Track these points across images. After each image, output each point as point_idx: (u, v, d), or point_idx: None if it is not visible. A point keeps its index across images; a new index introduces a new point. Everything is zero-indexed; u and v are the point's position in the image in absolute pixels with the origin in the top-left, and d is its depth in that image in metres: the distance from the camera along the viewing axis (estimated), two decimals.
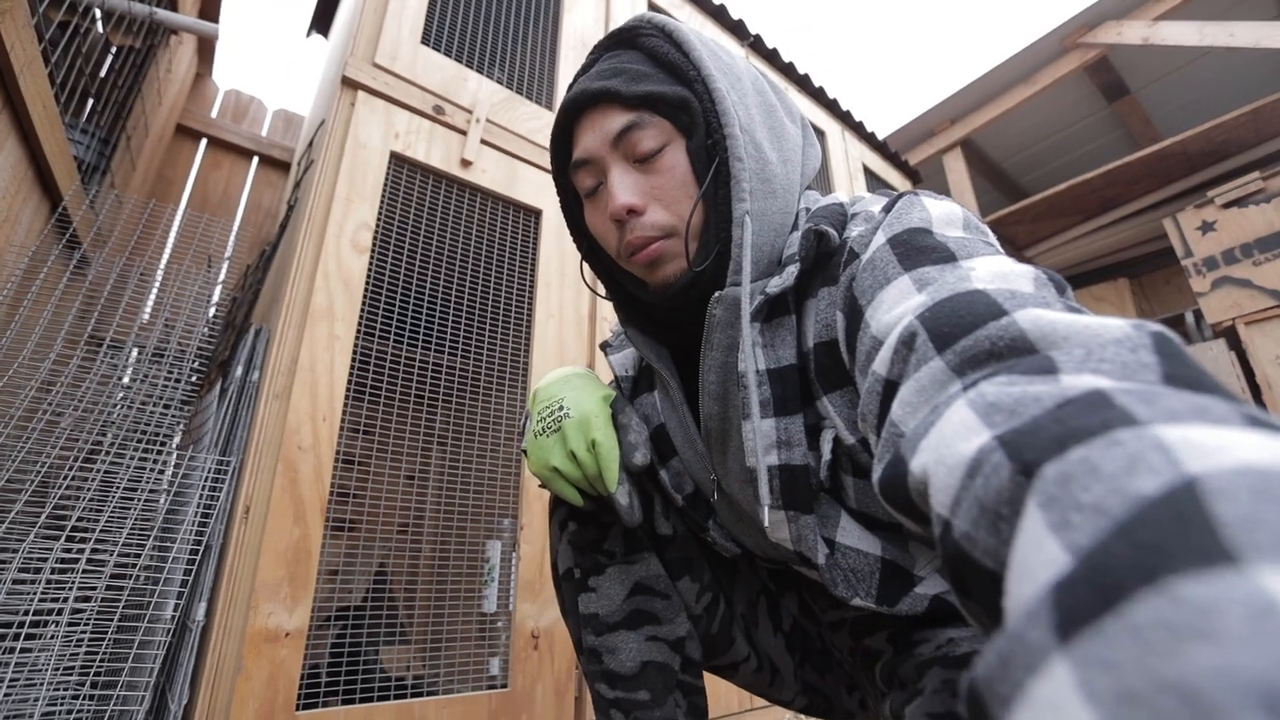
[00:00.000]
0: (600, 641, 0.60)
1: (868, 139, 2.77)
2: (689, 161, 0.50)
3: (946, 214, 0.41)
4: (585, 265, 0.64)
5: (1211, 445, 0.16)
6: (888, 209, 0.44)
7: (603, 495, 0.57)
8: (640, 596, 0.61)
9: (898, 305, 0.36)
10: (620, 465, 0.56)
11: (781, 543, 0.52)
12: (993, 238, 0.42)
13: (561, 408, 0.58)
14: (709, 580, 0.65)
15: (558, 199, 0.64)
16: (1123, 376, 0.22)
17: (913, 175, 3.01)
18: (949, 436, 0.24)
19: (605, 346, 0.71)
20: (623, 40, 0.54)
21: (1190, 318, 2.49)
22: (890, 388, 0.33)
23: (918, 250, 0.38)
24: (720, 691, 1.32)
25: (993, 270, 0.33)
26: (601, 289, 0.95)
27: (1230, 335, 2.18)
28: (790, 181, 0.52)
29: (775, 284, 0.47)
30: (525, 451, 0.60)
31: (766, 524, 0.47)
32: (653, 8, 1.99)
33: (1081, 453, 0.18)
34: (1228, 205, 2.26)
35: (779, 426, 0.49)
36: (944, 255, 0.37)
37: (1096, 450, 0.18)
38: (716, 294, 0.49)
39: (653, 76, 0.51)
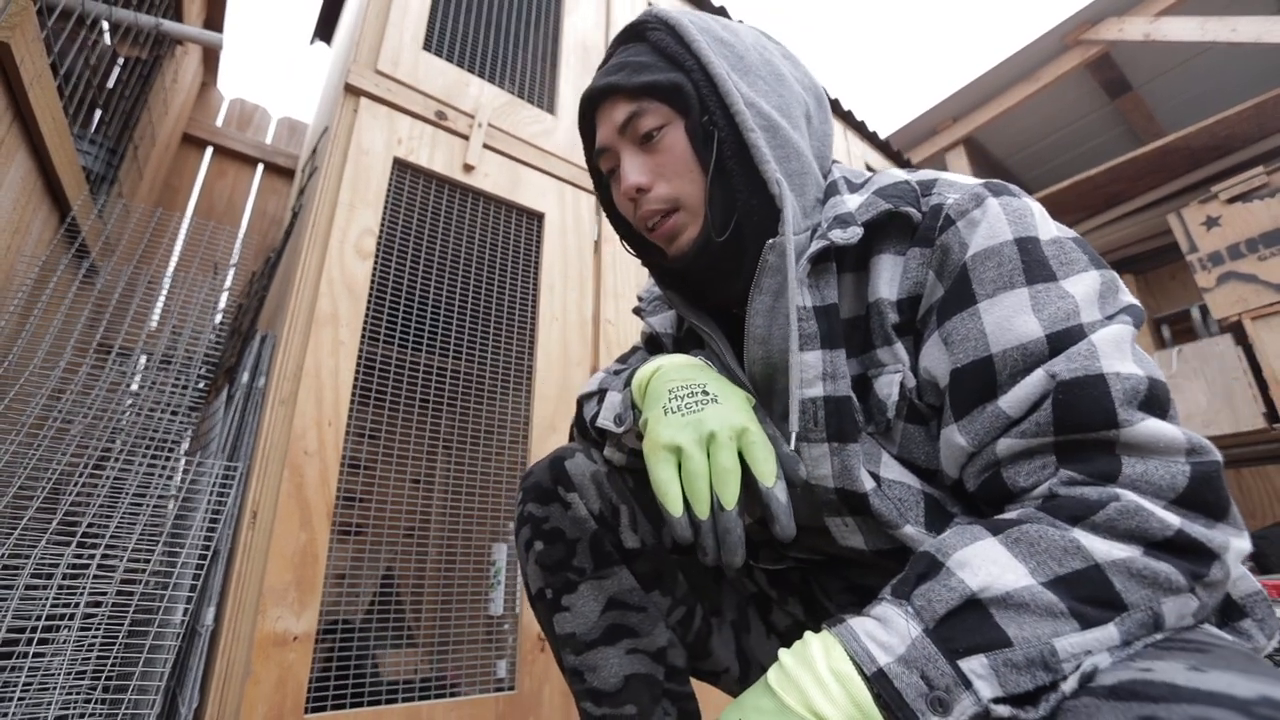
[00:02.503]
0: (580, 660, 0.59)
1: (869, 138, 2.77)
2: (687, 140, 0.56)
3: (1042, 218, 0.48)
4: (623, 240, 0.69)
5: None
6: (992, 190, 0.49)
7: (714, 510, 0.48)
8: (615, 611, 0.60)
9: (1016, 318, 0.43)
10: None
11: (821, 481, 0.53)
12: (1069, 237, 0.47)
13: (706, 391, 0.52)
14: (683, 594, 0.64)
15: (592, 182, 0.69)
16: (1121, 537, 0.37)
17: None
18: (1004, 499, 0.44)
19: (639, 311, 0.74)
20: (633, 34, 0.61)
21: (1196, 313, 2.47)
22: (1009, 426, 0.42)
23: (1036, 263, 0.44)
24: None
25: (1088, 297, 0.43)
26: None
27: (1236, 330, 2.17)
28: (802, 146, 0.56)
29: (840, 236, 0.51)
30: (644, 424, 0.54)
31: (804, 458, 0.52)
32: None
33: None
34: (1232, 200, 2.25)
35: (825, 359, 0.52)
36: (1050, 274, 0.44)
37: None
38: (770, 241, 0.53)
39: (653, 66, 0.57)
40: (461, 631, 1.16)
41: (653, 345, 0.75)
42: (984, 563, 0.37)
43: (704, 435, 0.49)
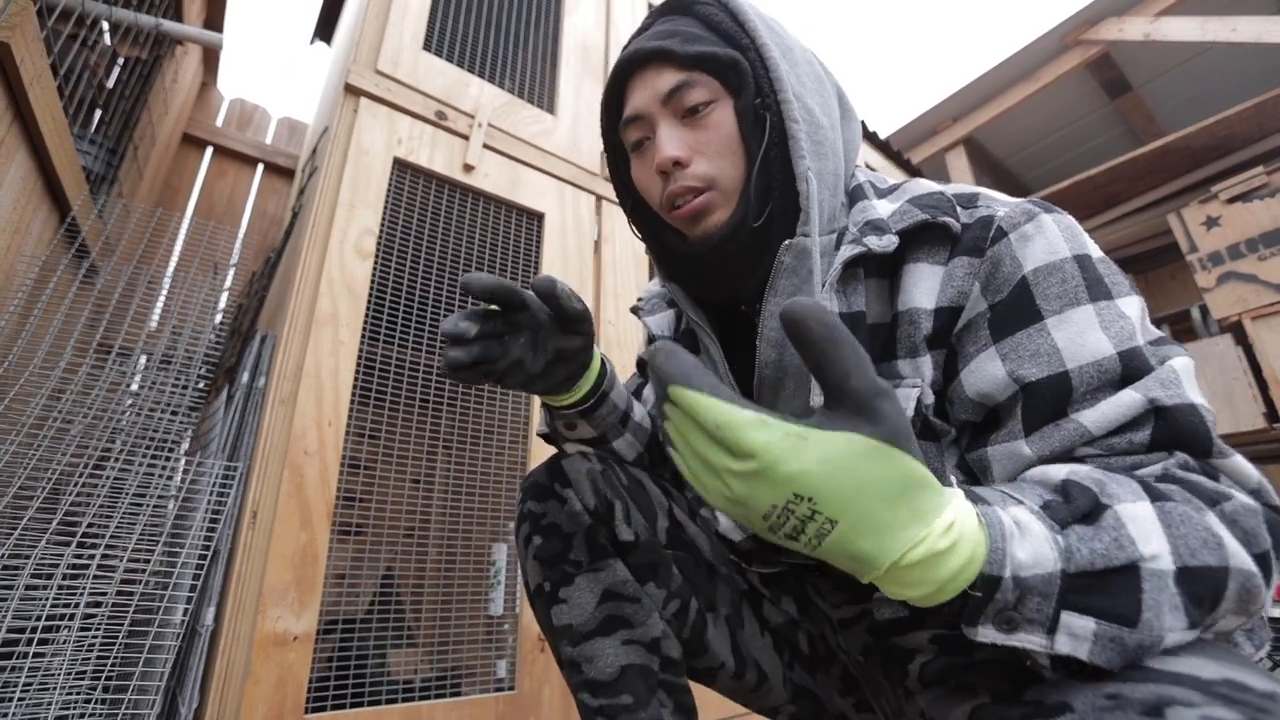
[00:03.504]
0: (577, 651, 0.60)
1: (870, 138, 2.77)
2: (736, 120, 0.54)
3: (1088, 238, 0.48)
4: (631, 222, 0.66)
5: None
6: (1042, 207, 0.48)
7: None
8: (611, 602, 0.61)
9: (1088, 334, 0.43)
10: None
11: None
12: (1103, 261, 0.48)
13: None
14: (677, 587, 0.65)
15: (605, 156, 0.66)
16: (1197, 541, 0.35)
17: (916, 174, 3.00)
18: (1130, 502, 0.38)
19: (637, 310, 0.73)
20: (678, 7, 0.58)
21: (1196, 313, 2.47)
22: (1089, 441, 0.41)
23: (1095, 281, 0.45)
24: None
25: (1139, 320, 0.44)
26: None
27: (1237, 330, 2.17)
28: (838, 146, 0.56)
29: (877, 244, 0.50)
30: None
31: None
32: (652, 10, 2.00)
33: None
34: (1232, 200, 2.25)
35: None
36: (1107, 292, 0.44)
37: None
38: (786, 242, 0.52)
39: (706, 39, 0.55)
40: (461, 631, 1.16)
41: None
42: (1150, 528, 0.34)
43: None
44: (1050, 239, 0.46)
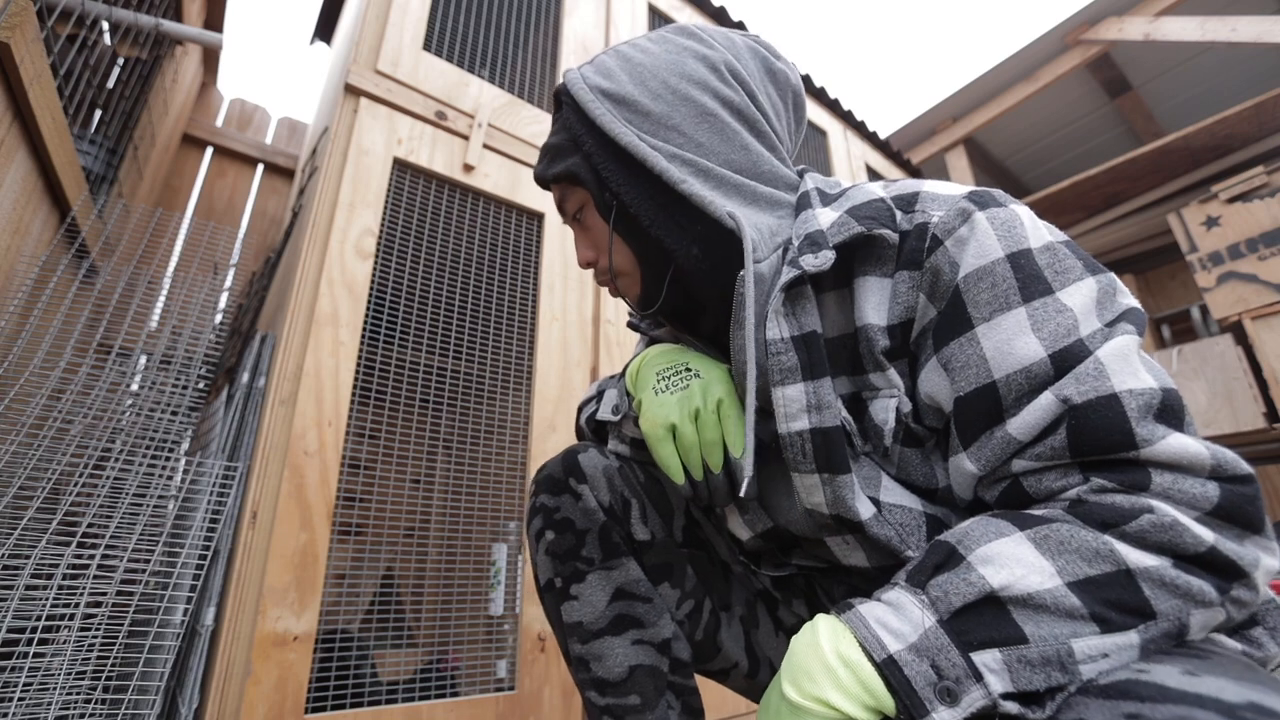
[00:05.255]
0: (586, 649, 0.60)
1: (870, 138, 2.77)
2: (600, 215, 0.58)
3: (1032, 226, 0.46)
4: None
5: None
6: (978, 202, 0.47)
7: (706, 472, 0.56)
8: (622, 601, 0.61)
9: (1016, 340, 0.42)
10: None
11: (816, 508, 0.53)
12: (1060, 241, 0.46)
13: (689, 369, 0.58)
14: (692, 587, 0.65)
15: None
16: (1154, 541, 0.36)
17: (915, 174, 3.00)
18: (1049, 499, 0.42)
19: (635, 327, 0.74)
20: (557, 103, 0.62)
21: (1196, 313, 2.47)
22: (1020, 450, 0.42)
23: (1030, 278, 0.43)
24: (727, 694, 1.31)
25: (1086, 307, 0.42)
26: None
27: (1237, 330, 2.17)
28: (759, 163, 0.56)
29: (812, 263, 0.49)
30: (639, 406, 0.59)
31: (797, 488, 0.52)
32: (653, 10, 2.00)
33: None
34: (1232, 200, 2.25)
35: (807, 390, 0.50)
36: (1046, 287, 0.43)
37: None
38: (740, 274, 0.52)
39: (561, 151, 0.58)
40: (461, 631, 1.16)
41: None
42: (1008, 560, 0.36)
43: (691, 410, 0.55)
44: (981, 241, 0.45)
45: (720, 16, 2.22)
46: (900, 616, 0.37)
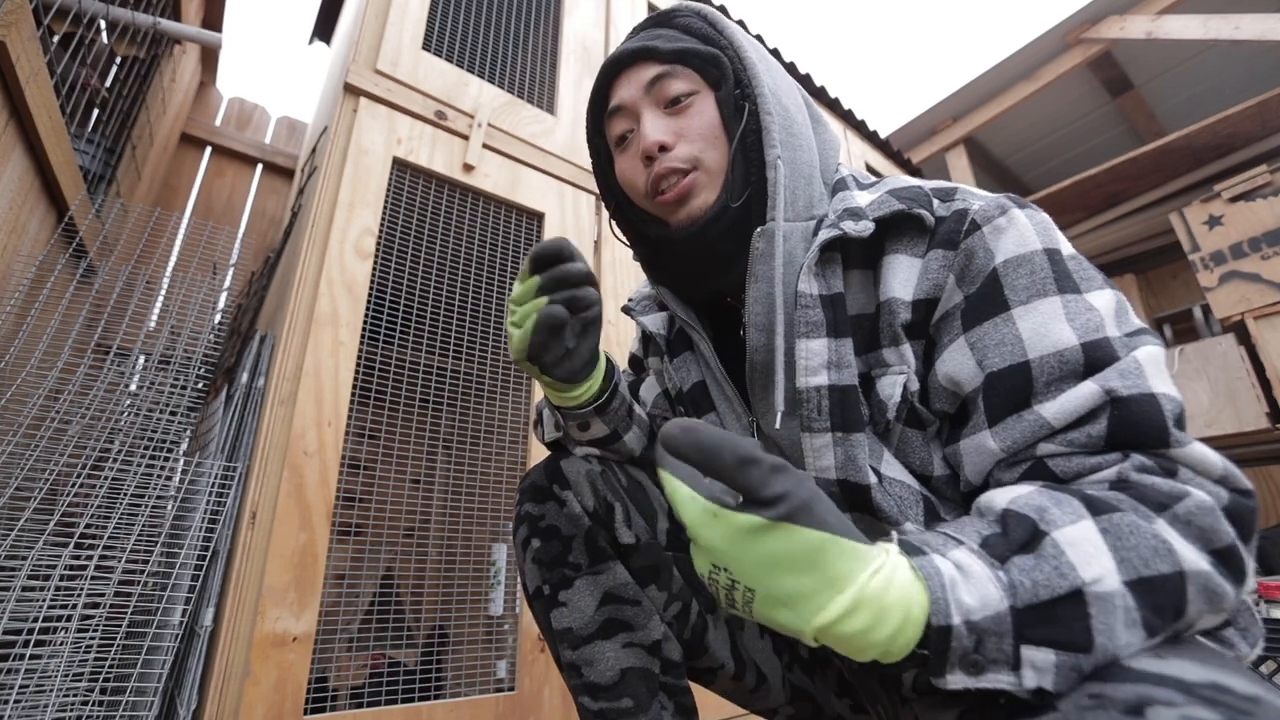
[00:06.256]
0: (577, 655, 0.60)
1: (870, 138, 2.76)
2: (717, 109, 0.57)
3: (1061, 235, 0.49)
4: (613, 222, 0.67)
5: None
6: (1015, 202, 0.49)
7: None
8: (611, 605, 0.61)
9: (1052, 325, 0.43)
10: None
11: (823, 473, 0.52)
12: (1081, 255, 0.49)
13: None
14: (678, 589, 0.65)
15: (590, 161, 0.68)
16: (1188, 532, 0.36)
17: (916, 173, 3.00)
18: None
19: (629, 310, 0.74)
20: (660, 20, 0.62)
21: (1198, 313, 2.47)
22: (1051, 434, 0.42)
23: (1064, 274, 0.45)
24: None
25: (1109, 313, 0.44)
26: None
27: (1239, 330, 2.17)
28: (811, 140, 0.58)
29: (853, 228, 0.51)
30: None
31: (805, 450, 0.52)
32: (652, 10, 1.99)
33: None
34: (1234, 199, 2.25)
35: (831, 347, 0.51)
36: (1075, 286, 0.45)
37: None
38: (759, 229, 0.54)
39: (687, 40, 0.58)
40: (461, 631, 1.16)
41: (645, 346, 0.77)
42: (1092, 550, 0.34)
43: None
44: (1022, 231, 0.47)
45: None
46: (971, 588, 0.34)
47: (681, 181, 0.56)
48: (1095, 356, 0.41)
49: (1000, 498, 0.40)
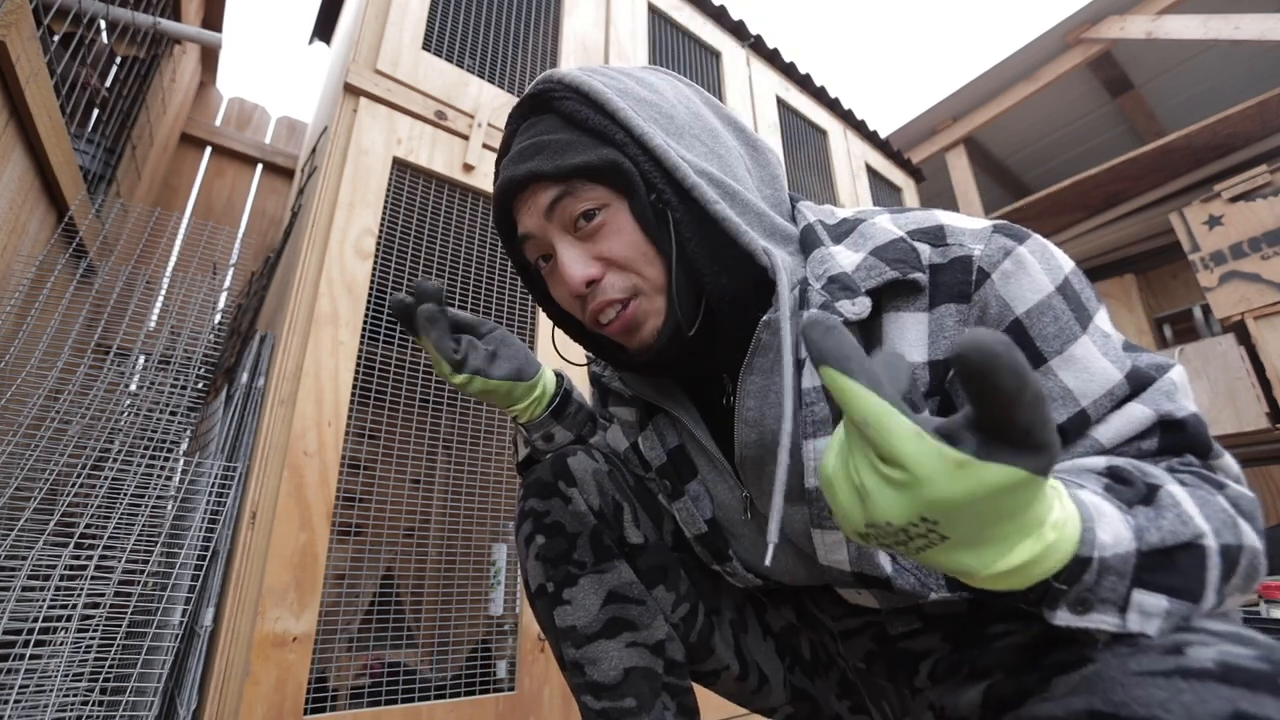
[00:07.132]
0: (581, 654, 0.59)
1: (870, 138, 2.76)
2: (635, 221, 0.49)
3: (1056, 252, 0.47)
4: (557, 331, 0.62)
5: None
6: (1011, 235, 0.46)
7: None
8: (615, 604, 0.60)
9: (1094, 366, 0.43)
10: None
11: (835, 565, 0.50)
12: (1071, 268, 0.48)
13: None
14: (686, 590, 0.64)
15: (520, 278, 0.62)
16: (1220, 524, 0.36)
17: (915, 173, 3.00)
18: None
19: (597, 377, 0.69)
20: (537, 106, 0.52)
21: (1198, 313, 2.47)
22: (1099, 452, 0.42)
23: (1078, 306, 0.45)
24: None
25: (1114, 329, 0.45)
26: (575, 353, 0.99)
27: (1239, 330, 2.17)
28: (757, 198, 0.52)
29: (851, 311, 0.46)
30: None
31: (818, 545, 0.50)
32: (653, 10, 1.99)
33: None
34: (1234, 199, 2.25)
35: None
36: (1087, 314, 0.45)
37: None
38: (764, 318, 0.49)
39: (576, 144, 0.49)
40: (461, 631, 1.16)
41: (605, 397, 0.71)
42: (1193, 508, 0.35)
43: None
44: (1033, 275, 0.45)
45: (720, 16, 2.21)
46: (1105, 528, 0.33)
47: (624, 313, 0.50)
48: (1136, 380, 0.43)
49: (1095, 460, 0.39)
